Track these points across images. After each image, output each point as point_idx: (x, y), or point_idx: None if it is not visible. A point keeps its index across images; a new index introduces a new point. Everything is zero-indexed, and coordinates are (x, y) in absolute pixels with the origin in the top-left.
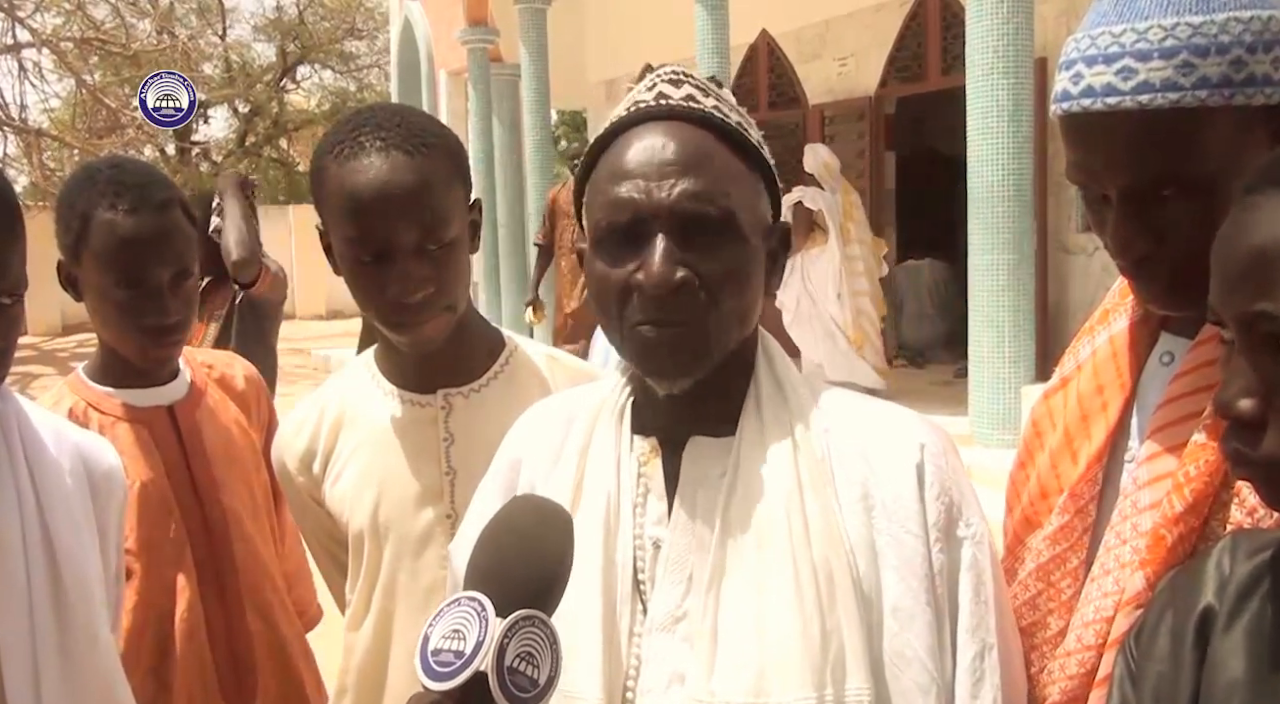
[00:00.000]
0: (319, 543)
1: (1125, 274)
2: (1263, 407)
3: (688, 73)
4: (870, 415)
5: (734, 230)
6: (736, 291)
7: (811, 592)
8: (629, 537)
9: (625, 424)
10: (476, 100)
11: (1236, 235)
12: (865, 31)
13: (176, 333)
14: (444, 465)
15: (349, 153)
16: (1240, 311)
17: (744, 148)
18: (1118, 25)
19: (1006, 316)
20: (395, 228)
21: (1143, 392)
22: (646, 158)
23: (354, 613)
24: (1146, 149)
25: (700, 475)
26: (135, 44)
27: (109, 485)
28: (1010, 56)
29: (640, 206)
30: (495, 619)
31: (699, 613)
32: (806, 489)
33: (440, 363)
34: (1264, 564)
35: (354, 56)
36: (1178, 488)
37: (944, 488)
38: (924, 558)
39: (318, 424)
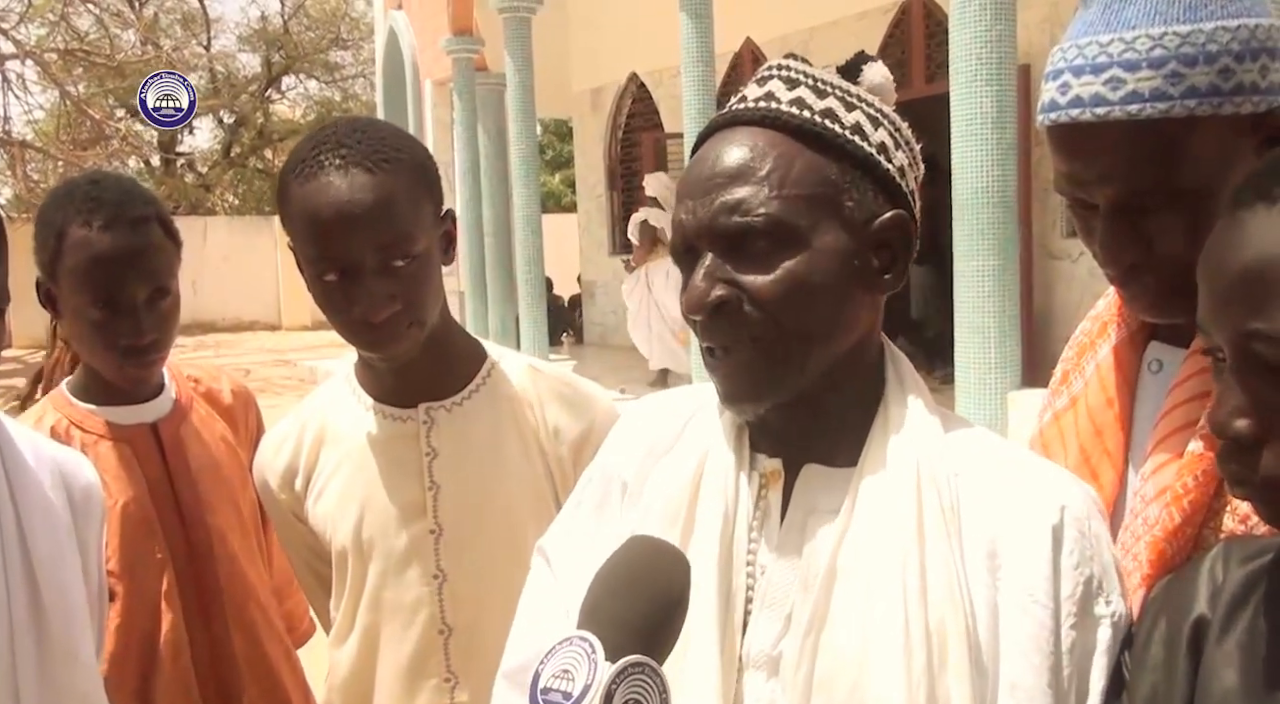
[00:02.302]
0: (302, 560)
1: (1114, 283)
2: (1258, 426)
3: (786, 64)
4: (1009, 464)
5: (788, 237)
6: (800, 304)
7: (922, 654)
8: (743, 561)
9: (745, 440)
10: (461, 110)
11: (1225, 252)
12: (850, 39)
13: (154, 352)
14: (426, 480)
15: (309, 172)
16: (1232, 332)
17: (826, 142)
18: (1105, 35)
19: (992, 322)
20: (357, 246)
21: (1137, 399)
22: (696, 175)
23: (338, 629)
24: (1136, 159)
25: (812, 507)
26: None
27: (88, 502)
28: (994, 63)
29: (686, 228)
30: (604, 663)
31: (794, 659)
32: (929, 538)
33: (420, 376)
34: (1257, 572)
35: (339, 66)
36: (1176, 499)
37: (1084, 557)
38: (1051, 633)
39: (299, 441)
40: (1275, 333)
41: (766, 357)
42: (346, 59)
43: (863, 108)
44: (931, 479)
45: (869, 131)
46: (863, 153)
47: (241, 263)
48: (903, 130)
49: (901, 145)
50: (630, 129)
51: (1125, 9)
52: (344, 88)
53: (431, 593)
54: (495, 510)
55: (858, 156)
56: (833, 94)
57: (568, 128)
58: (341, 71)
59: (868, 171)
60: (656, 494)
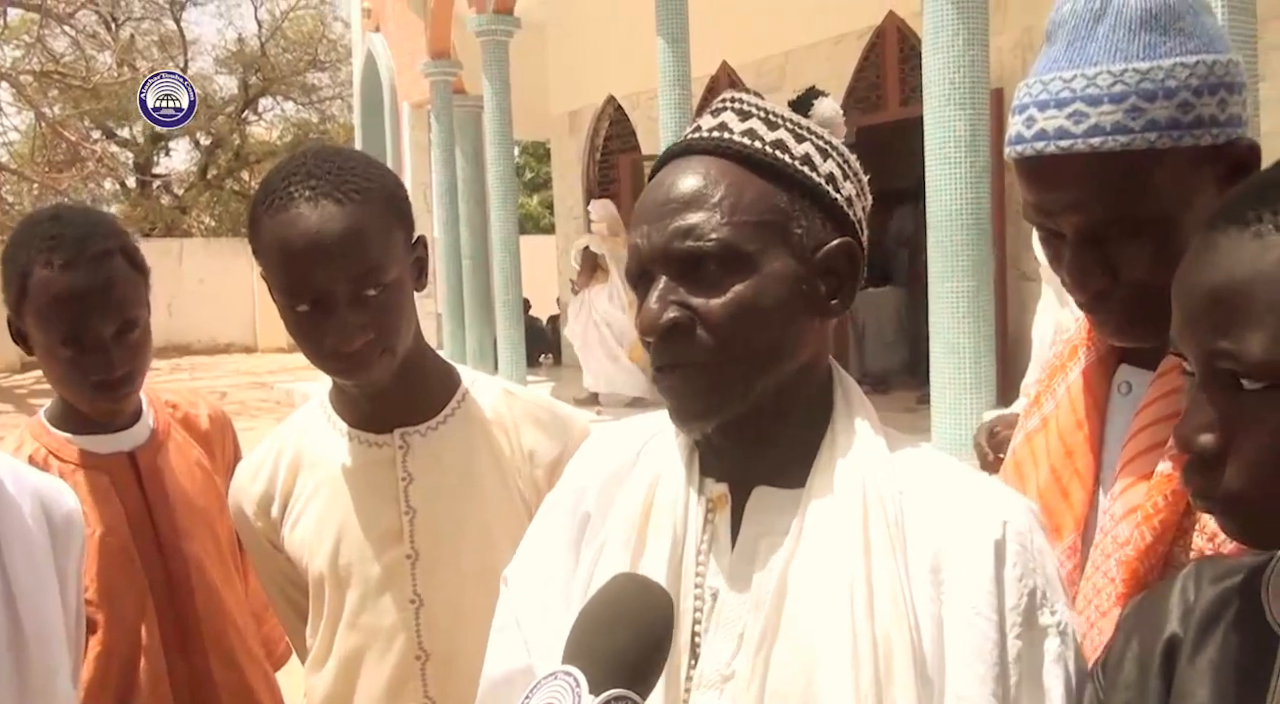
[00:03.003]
0: (277, 587)
1: (1083, 309)
2: (1221, 442)
3: (739, 97)
4: (952, 481)
5: (739, 262)
6: (749, 326)
7: (869, 667)
8: (691, 585)
9: (695, 465)
10: (439, 132)
11: (1196, 273)
12: (824, 63)
13: (125, 386)
14: (403, 505)
15: (280, 203)
16: (1200, 349)
17: (777, 171)
18: (1068, 71)
19: (967, 343)
20: (328, 278)
21: (1107, 421)
22: (653, 200)
23: (316, 655)
24: (1099, 189)
25: (763, 529)
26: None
27: (68, 529)
28: (966, 88)
29: (641, 252)
30: (588, 696)
31: (745, 675)
32: (875, 555)
33: (395, 402)
34: (1228, 591)
35: (316, 88)
36: (1146, 519)
37: (1027, 570)
38: (995, 644)
39: (275, 467)
40: (1239, 352)
41: (716, 376)
42: (324, 81)
43: (812, 140)
44: (877, 498)
45: (818, 162)
46: (811, 182)
47: (217, 285)
48: (851, 162)
49: (850, 176)
50: (608, 151)
51: (1087, 46)
52: (321, 109)
53: (408, 618)
54: (471, 534)
55: (806, 186)
56: (784, 126)
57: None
58: (319, 93)
59: (816, 201)
60: (614, 521)
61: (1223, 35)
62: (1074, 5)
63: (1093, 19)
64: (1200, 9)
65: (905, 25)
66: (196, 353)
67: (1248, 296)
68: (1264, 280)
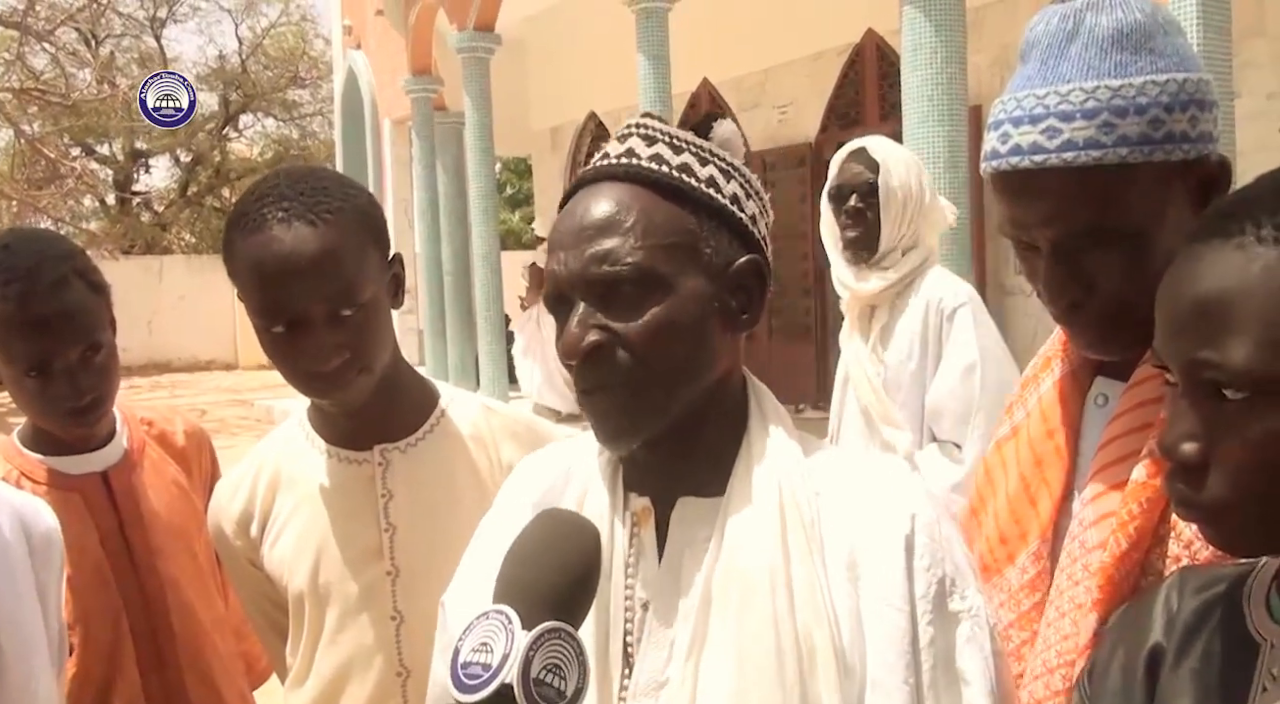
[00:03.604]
0: (256, 607)
1: (1058, 321)
2: (1204, 450)
3: (644, 123)
4: (862, 480)
5: (654, 284)
6: (667, 346)
7: (793, 663)
8: (620, 596)
9: (619, 482)
10: (420, 148)
11: (1179, 284)
12: (804, 80)
13: (96, 410)
14: (383, 522)
15: (253, 226)
16: (1183, 359)
17: (683, 194)
18: (1042, 88)
19: None
20: (303, 299)
21: (1082, 434)
22: (568, 227)
23: (296, 674)
24: (1073, 203)
25: (687, 538)
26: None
27: (48, 548)
28: (945, 105)
29: (559, 279)
30: (521, 631)
31: (679, 680)
32: (793, 556)
33: (374, 419)
34: (1210, 601)
35: (297, 105)
36: (1122, 526)
37: (936, 560)
38: (905, 632)
39: (254, 486)
40: (1222, 361)
41: (637, 396)
42: (305, 97)
43: (715, 162)
44: (793, 501)
45: (722, 184)
46: (717, 204)
47: (198, 302)
48: (752, 181)
49: (752, 195)
50: None
51: (1060, 64)
52: (302, 126)
53: (389, 635)
54: (451, 551)
55: (713, 207)
56: (688, 150)
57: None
58: (300, 110)
59: (723, 221)
60: None
61: (1194, 55)
62: (1047, 25)
63: (1066, 39)
64: (1171, 29)
65: (884, 42)
66: (177, 370)
67: (1231, 307)
68: (1246, 291)
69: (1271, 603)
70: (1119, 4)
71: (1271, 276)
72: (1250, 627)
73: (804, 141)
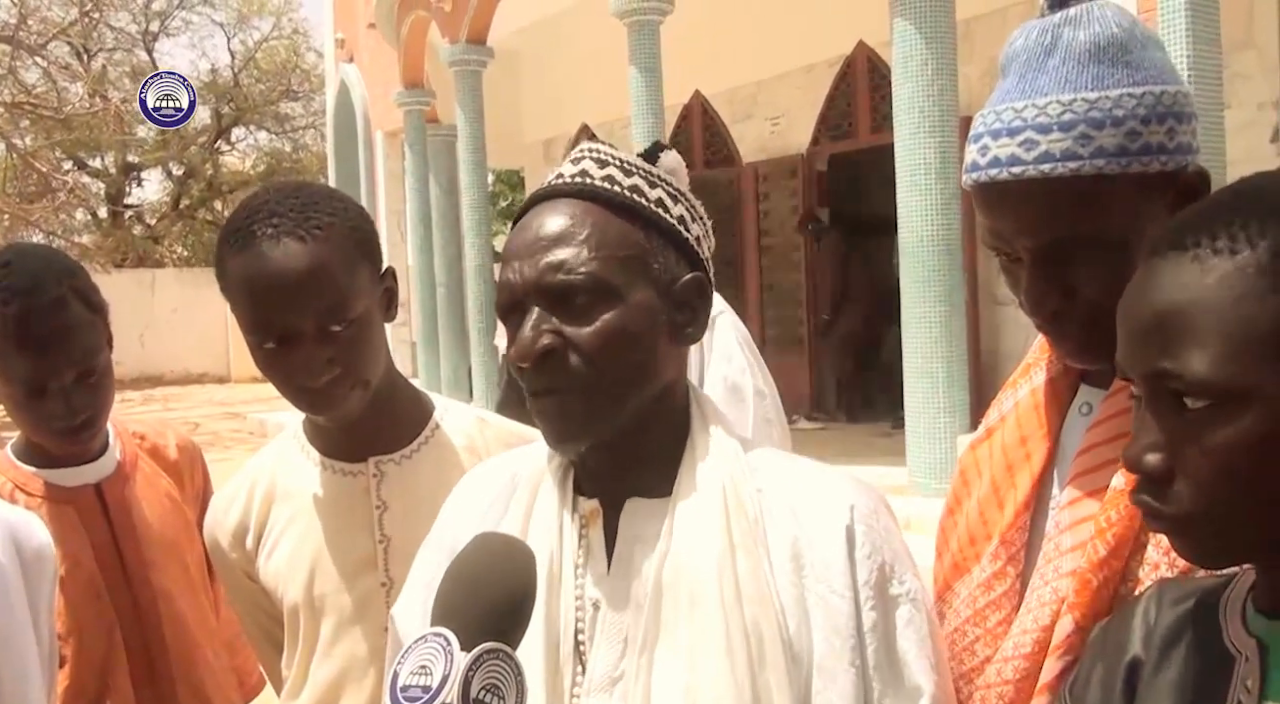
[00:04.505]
0: (252, 620)
1: (1041, 330)
2: (1168, 461)
3: (597, 149)
4: (801, 476)
5: (606, 293)
6: (616, 352)
7: (743, 653)
8: (570, 597)
9: (569, 486)
10: (413, 161)
11: (1138, 297)
12: (796, 91)
13: (88, 429)
14: (377, 534)
15: (243, 242)
16: (1144, 370)
17: (635, 212)
18: (1020, 101)
19: (940, 367)
20: (293, 315)
21: (1064, 441)
22: (521, 239)
23: (291, 686)
24: (1051, 213)
25: (636, 537)
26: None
27: (40, 563)
28: (936, 116)
29: (514, 286)
30: (460, 653)
31: (633, 674)
32: (738, 550)
33: (368, 431)
34: (1187, 613)
35: (289, 118)
36: (1100, 533)
37: (875, 547)
38: (850, 617)
39: (249, 498)
40: (1182, 372)
41: (587, 399)
42: (297, 110)
43: (663, 186)
44: (736, 497)
45: (670, 205)
46: (666, 224)
47: (190, 315)
48: (696, 206)
49: (696, 219)
50: None
51: (1038, 78)
52: (294, 139)
53: (384, 646)
54: None
55: (662, 226)
56: (637, 174)
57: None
58: (292, 123)
59: (670, 239)
60: None
61: (1172, 68)
62: (1026, 40)
63: (1044, 53)
64: (1149, 43)
65: (875, 55)
66: (169, 383)
67: (1188, 318)
68: (1203, 302)
69: (1247, 615)
70: (1097, 18)
71: (1226, 287)
72: (1226, 639)
73: (796, 152)
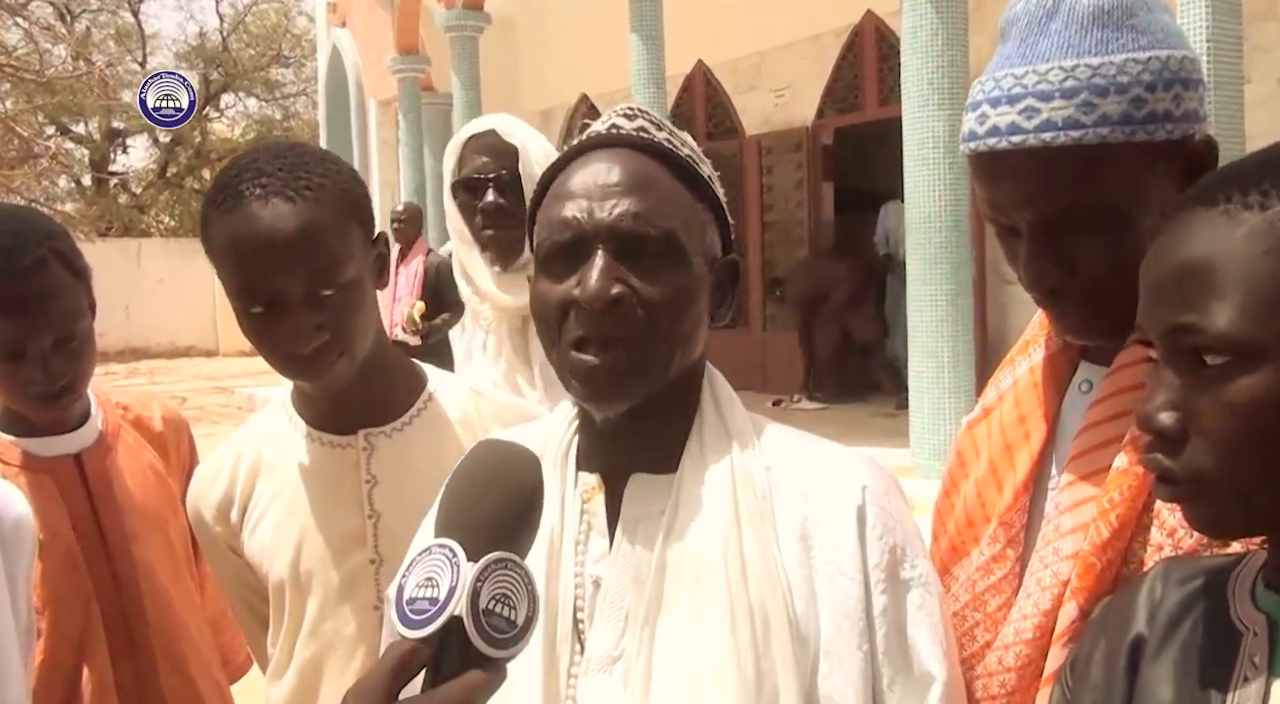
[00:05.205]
0: (238, 595)
1: (1040, 305)
2: (1183, 420)
3: (644, 109)
4: (812, 454)
5: (676, 253)
6: (677, 315)
7: (747, 631)
8: (570, 574)
9: (571, 460)
10: (407, 130)
11: (1163, 251)
12: (801, 62)
13: (67, 395)
14: (367, 508)
15: (230, 203)
16: (1164, 325)
17: (694, 179)
18: (1020, 68)
19: (946, 347)
20: (281, 279)
21: (1064, 420)
22: (591, 180)
23: (276, 664)
24: (1052, 184)
25: (641, 512)
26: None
27: (18, 535)
28: (945, 88)
29: (581, 225)
30: (467, 563)
31: (634, 651)
32: (745, 527)
33: (358, 402)
34: (1194, 592)
35: (280, 84)
36: (1103, 514)
37: (887, 529)
38: (859, 601)
39: (234, 470)
40: (1204, 325)
41: (645, 355)
42: (288, 77)
43: (708, 164)
44: (745, 474)
45: (716, 184)
46: (717, 200)
47: (177, 286)
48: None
49: (725, 208)
50: None
51: (1039, 43)
52: (285, 106)
53: (372, 624)
54: None
55: (713, 202)
56: (686, 146)
57: None
58: (282, 89)
59: (717, 217)
60: None
61: (1179, 32)
62: (1026, 3)
63: (1045, 16)
64: (1155, 6)
65: (884, 24)
66: (155, 356)
67: (1214, 271)
68: (1231, 255)
69: (1257, 592)
70: None
71: (1255, 241)
72: (1234, 615)
73: (801, 125)
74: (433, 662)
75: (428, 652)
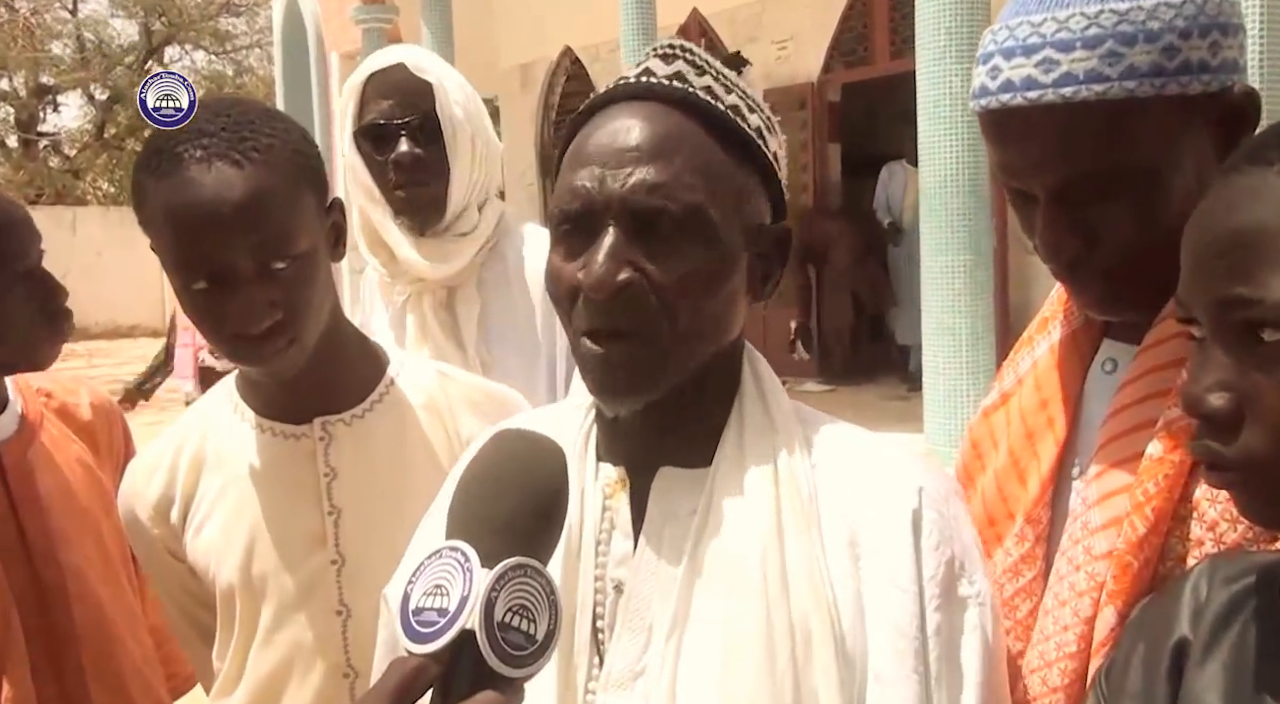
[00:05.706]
0: (177, 606)
1: (1059, 278)
2: (1237, 401)
3: (686, 47)
4: (864, 452)
5: (700, 229)
6: (698, 300)
7: (786, 649)
8: (590, 578)
9: (591, 451)
10: None
11: (1210, 217)
12: (805, 11)
13: None
14: (326, 504)
15: (167, 167)
16: (1212, 298)
17: (735, 137)
18: (1037, 14)
19: (963, 323)
20: (226, 252)
21: (1086, 403)
22: (609, 142)
23: (224, 679)
24: (1072, 145)
25: (669, 511)
26: None
27: None
28: (964, 37)
29: (592, 196)
30: (481, 570)
31: (658, 667)
32: (788, 531)
33: (313, 387)
34: (1244, 591)
35: (231, 36)
36: (1138, 507)
37: (944, 538)
38: (914, 617)
39: (174, 465)
40: (1260, 297)
41: (661, 350)
42: (239, 27)
43: (760, 113)
44: (789, 472)
45: (768, 138)
46: (765, 160)
47: (119, 258)
48: (783, 144)
49: (781, 162)
50: (565, 110)
51: None
52: (237, 60)
53: (334, 631)
54: (404, 535)
55: (759, 162)
56: (736, 92)
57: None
58: (234, 41)
59: (764, 180)
60: None
61: None
62: None
63: None
64: None
65: None
66: (95, 336)
67: (1270, 237)
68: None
69: None
70: None
71: None
72: None
73: (805, 81)
74: (441, 681)
75: (436, 669)
